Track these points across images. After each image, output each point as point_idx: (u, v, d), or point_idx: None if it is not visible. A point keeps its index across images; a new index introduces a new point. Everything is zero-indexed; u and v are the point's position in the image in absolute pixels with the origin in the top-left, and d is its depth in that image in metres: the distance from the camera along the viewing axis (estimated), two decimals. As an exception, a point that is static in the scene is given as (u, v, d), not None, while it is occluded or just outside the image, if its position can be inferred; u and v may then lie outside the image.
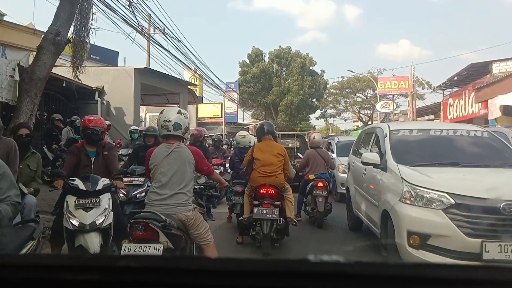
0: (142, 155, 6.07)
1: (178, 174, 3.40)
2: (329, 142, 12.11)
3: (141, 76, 15.16)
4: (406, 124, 8.67)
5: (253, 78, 37.49)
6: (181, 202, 3.39)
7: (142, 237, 3.20)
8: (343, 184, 9.23)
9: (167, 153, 3.41)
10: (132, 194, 5.29)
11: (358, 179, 6.23)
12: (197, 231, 3.48)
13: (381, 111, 36.78)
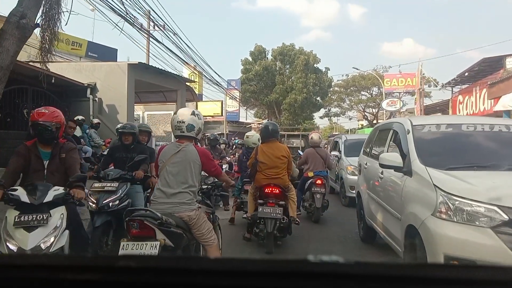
0: (119, 157, 5.21)
1: (182, 173, 3.41)
2: (336, 141, 11.21)
3: (135, 71, 14.29)
4: (430, 118, 7.54)
5: (255, 76, 36.60)
6: (184, 201, 3.38)
7: (138, 234, 3.18)
8: (352, 188, 8.35)
9: (175, 151, 3.45)
10: (103, 202, 4.42)
11: (373, 183, 5.33)
12: (200, 231, 3.45)
13: (387, 109, 35.84)
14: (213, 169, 3.71)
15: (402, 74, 35.64)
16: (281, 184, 5.55)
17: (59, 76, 13.30)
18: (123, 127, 5.20)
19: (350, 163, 8.97)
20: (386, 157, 4.13)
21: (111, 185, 4.58)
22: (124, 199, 4.61)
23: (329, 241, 6.20)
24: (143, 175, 5.00)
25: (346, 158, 9.37)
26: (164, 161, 3.47)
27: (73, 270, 0.72)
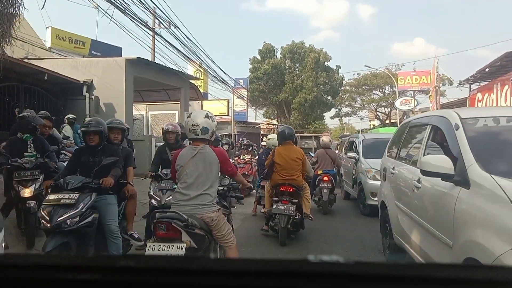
0: (84, 161, 4.23)
1: (203, 175, 3.45)
2: (352, 141, 10.12)
3: (134, 68, 13.37)
4: (481, 110, 5.92)
5: (264, 75, 35.56)
6: (205, 203, 3.43)
7: (165, 236, 3.23)
8: (374, 194, 7.31)
9: (192, 154, 3.48)
10: (58, 219, 3.44)
11: (405, 194, 4.27)
12: (220, 233, 3.49)
13: (401, 108, 34.56)
14: (230, 169, 3.77)
15: (416, 71, 34.34)
16: (295, 184, 5.99)
17: (52, 72, 12.42)
18: (86, 125, 4.21)
19: (371, 165, 7.90)
20: (430, 161, 3.07)
21: (70, 197, 3.61)
22: (87, 214, 3.65)
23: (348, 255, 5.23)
24: (113, 182, 4.02)
25: (365, 160, 8.30)
26: (183, 165, 3.49)
27: (73, 270, 0.71)
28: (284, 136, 6.16)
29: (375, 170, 7.64)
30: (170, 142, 5.75)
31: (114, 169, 4.15)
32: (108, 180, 3.94)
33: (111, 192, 4.20)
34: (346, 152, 10.51)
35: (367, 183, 7.77)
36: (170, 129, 5.74)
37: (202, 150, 3.48)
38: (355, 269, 0.66)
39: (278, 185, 6.02)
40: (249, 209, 8.34)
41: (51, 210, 3.48)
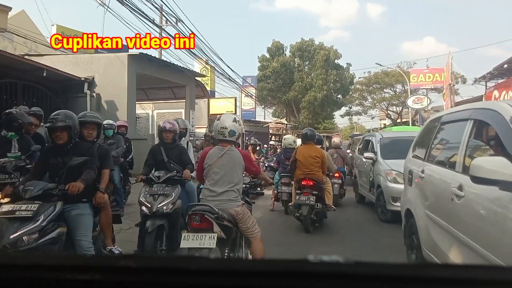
0: (52, 163, 3.61)
1: (229, 174, 3.72)
2: (367, 140, 9.40)
3: (137, 64, 12.82)
4: None
5: (273, 73, 34.85)
6: (231, 199, 3.70)
7: (198, 227, 3.47)
8: (395, 199, 6.64)
9: (220, 154, 3.75)
10: (11, 237, 2.81)
11: (438, 202, 3.60)
12: (245, 225, 3.75)
13: (413, 107, 33.58)
14: (254, 169, 4.14)
15: (429, 69, 33.36)
16: (314, 178, 6.68)
17: (52, 69, 11.91)
18: (51, 119, 3.54)
19: (391, 167, 7.19)
20: (485, 164, 2.40)
21: (27, 207, 2.97)
22: (50, 228, 3.02)
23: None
24: (82, 188, 3.39)
25: (384, 161, 7.58)
26: (211, 164, 3.76)
27: (73, 270, 0.72)
28: (306, 137, 7.06)
29: (396, 172, 6.95)
30: (166, 141, 5.13)
31: (86, 171, 3.53)
32: (75, 186, 3.31)
33: (85, 199, 3.58)
34: (361, 152, 9.80)
35: (388, 187, 7.07)
36: (168, 128, 5.11)
37: (229, 151, 3.77)
38: (355, 269, 0.66)
39: (300, 179, 6.78)
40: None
41: (3, 226, 2.85)
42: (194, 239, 3.41)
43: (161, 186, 4.63)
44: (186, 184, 5.22)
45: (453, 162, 3.39)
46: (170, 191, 4.60)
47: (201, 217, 3.47)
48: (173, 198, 4.55)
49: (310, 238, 6.31)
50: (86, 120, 4.08)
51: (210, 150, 3.92)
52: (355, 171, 10.36)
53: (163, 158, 5.14)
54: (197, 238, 3.40)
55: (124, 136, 7.95)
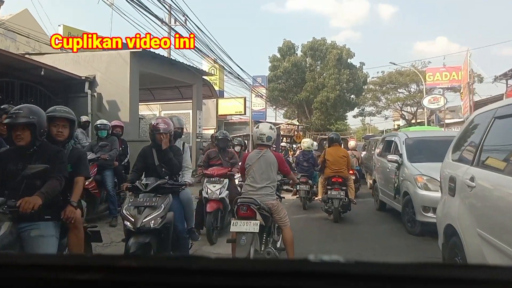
0: (12, 170, 2.85)
1: (265, 172, 4.44)
2: (389, 141, 8.46)
3: (140, 61, 12.09)
4: None
5: (284, 73, 33.97)
6: (268, 193, 4.42)
7: (245, 215, 4.22)
8: (427, 209, 5.81)
9: (258, 156, 4.49)
10: None
11: (500, 221, 2.75)
12: (279, 216, 4.45)
13: (429, 107, 32.50)
14: (285, 169, 4.81)
15: (446, 67, 32.24)
16: (342, 175, 7.75)
17: (50, 67, 11.25)
18: (11, 115, 2.79)
19: (421, 171, 6.30)
20: None
21: None
22: None
23: None
24: (40, 204, 2.63)
25: (412, 164, 6.68)
26: (251, 164, 4.49)
27: (73, 270, 0.72)
28: (333, 140, 8.21)
29: (427, 178, 6.07)
30: (159, 143, 4.33)
31: (48, 182, 2.78)
32: (29, 202, 2.56)
33: (49, 217, 2.81)
34: (381, 154, 8.90)
35: (417, 195, 6.16)
36: (162, 129, 4.30)
37: (265, 153, 4.50)
38: (355, 269, 0.66)
39: (330, 177, 7.82)
40: None
41: None
42: (241, 225, 4.12)
43: (148, 196, 3.85)
44: (181, 193, 4.43)
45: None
46: (159, 202, 3.81)
47: (247, 208, 4.25)
48: (162, 210, 3.77)
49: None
50: (55, 116, 3.29)
51: (250, 153, 4.77)
52: (374, 175, 9.46)
53: (154, 162, 4.35)
54: (243, 224, 4.12)
55: (119, 138, 7.20)
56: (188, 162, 4.94)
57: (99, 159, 6.44)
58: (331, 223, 7.55)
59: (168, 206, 3.89)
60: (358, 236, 6.73)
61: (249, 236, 4.08)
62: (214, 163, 6.53)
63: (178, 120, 5.19)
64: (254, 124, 27.41)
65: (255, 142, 4.66)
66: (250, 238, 4.09)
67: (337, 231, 6.99)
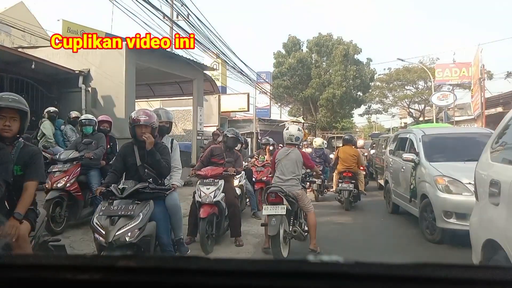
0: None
1: (291, 167, 5.25)
2: (403, 138, 7.73)
3: (136, 55, 11.45)
4: None
5: (289, 70, 33.18)
6: (294, 184, 5.23)
7: (274, 201, 4.97)
8: (449, 215, 5.18)
9: (286, 154, 5.33)
10: None
11: None
12: (303, 203, 5.29)
13: (438, 104, 31.59)
14: (309, 164, 5.64)
15: (456, 63, 31.32)
16: (352, 170, 9.12)
17: (42, 61, 10.64)
18: None
19: (441, 172, 5.60)
20: None
21: None
22: None
23: None
24: None
25: (430, 163, 5.97)
26: (280, 159, 5.32)
27: (73, 270, 0.72)
28: (346, 140, 9.64)
29: (449, 179, 5.38)
30: (141, 139, 3.69)
31: None
32: None
33: None
34: (394, 153, 8.20)
35: (438, 198, 5.45)
36: (142, 121, 3.65)
37: (293, 151, 5.36)
38: (355, 269, 0.67)
39: (341, 172, 9.10)
40: None
41: None
42: (271, 209, 4.84)
43: (124, 204, 3.21)
44: (167, 198, 3.78)
45: None
46: (136, 210, 3.17)
47: (276, 195, 4.96)
48: (140, 220, 3.13)
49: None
50: (1, 106, 2.65)
51: (280, 150, 5.70)
52: (385, 175, 8.76)
53: (135, 161, 3.70)
54: (273, 208, 4.85)
55: (107, 134, 6.55)
56: (178, 162, 4.29)
57: (83, 158, 5.82)
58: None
59: (148, 215, 3.24)
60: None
61: (278, 218, 4.83)
62: (217, 161, 5.86)
63: (166, 113, 4.51)
64: (258, 121, 26.79)
65: (285, 142, 5.56)
66: (279, 219, 4.83)
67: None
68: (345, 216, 8.28)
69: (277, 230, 4.74)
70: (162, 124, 4.19)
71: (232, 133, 6.12)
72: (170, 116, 4.55)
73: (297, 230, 5.13)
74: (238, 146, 7.96)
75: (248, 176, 8.30)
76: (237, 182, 7.09)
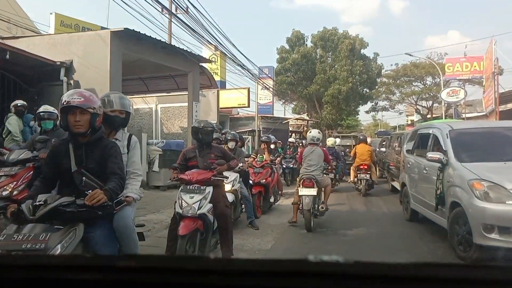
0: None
1: (316, 160, 6.97)
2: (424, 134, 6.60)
3: (123, 43, 10.39)
4: None
5: (293, 66, 31.98)
6: (317, 173, 6.92)
7: (308, 185, 6.65)
8: (490, 229, 4.12)
9: (311, 151, 7.07)
10: None
11: None
12: (324, 183, 7.12)
13: (447, 100, 30.30)
14: (327, 159, 7.31)
15: (467, 57, 29.97)
16: (367, 163, 11.05)
17: (18, 50, 9.62)
18: None
19: (478, 175, 4.48)
20: None
21: None
22: None
23: None
24: None
25: (462, 164, 4.85)
26: (306, 155, 7.05)
27: (73, 270, 0.71)
28: (361, 139, 12.01)
29: (489, 184, 4.28)
30: (75, 131, 2.62)
31: None
32: None
33: None
34: (413, 151, 7.07)
35: (475, 207, 4.30)
36: (76, 102, 2.60)
37: (316, 149, 7.12)
38: (355, 269, 0.67)
39: (359, 165, 11.01)
40: None
41: None
42: (306, 191, 6.58)
43: (37, 230, 2.13)
44: (116, 216, 2.71)
45: None
46: (51, 241, 2.10)
47: (310, 180, 6.72)
48: None
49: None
50: None
51: (305, 148, 7.53)
52: (402, 176, 7.64)
53: (69, 166, 2.63)
54: (307, 190, 6.58)
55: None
56: (137, 165, 3.18)
57: (36, 159, 4.75)
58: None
59: (72, 247, 2.16)
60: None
61: (310, 198, 6.51)
62: (193, 164, 4.74)
63: (120, 99, 3.31)
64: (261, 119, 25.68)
65: (308, 142, 7.42)
66: (311, 198, 6.51)
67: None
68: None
69: (310, 206, 6.47)
70: (114, 113, 3.10)
71: (201, 124, 4.92)
72: (127, 103, 3.33)
73: (321, 208, 6.95)
74: (232, 144, 6.88)
75: (245, 179, 7.21)
76: (229, 187, 6.00)
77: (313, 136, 7.23)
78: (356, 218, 7.87)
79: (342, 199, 10.38)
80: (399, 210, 7.81)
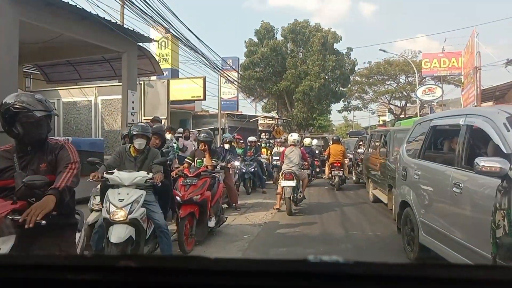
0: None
1: (296, 159, 8.55)
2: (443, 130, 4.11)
3: (22, 7, 7.64)
4: None
5: (261, 60, 29.50)
6: (296, 169, 8.47)
7: (288, 178, 8.19)
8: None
9: (291, 151, 8.68)
10: None
11: None
12: (302, 176, 8.78)
13: (423, 99, 28.75)
14: (305, 157, 9.07)
15: (444, 53, 28.36)
16: (340, 161, 12.29)
17: None
18: None
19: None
20: None
21: None
22: None
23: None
24: None
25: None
26: (287, 154, 8.64)
27: (73, 270, 0.71)
28: (335, 140, 13.52)
29: None
30: None
31: None
32: None
33: None
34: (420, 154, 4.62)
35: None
36: None
37: (296, 149, 8.76)
38: (355, 269, 0.66)
39: (333, 162, 12.37)
40: None
41: None
42: (287, 183, 8.10)
43: None
44: None
45: None
46: None
47: (290, 174, 8.22)
48: None
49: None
50: None
51: (287, 148, 9.06)
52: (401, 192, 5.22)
53: None
54: (287, 182, 8.10)
55: None
56: None
57: None
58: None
59: None
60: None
61: (291, 188, 8.12)
62: None
63: None
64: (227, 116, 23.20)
65: (289, 143, 9.17)
66: (291, 188, 8.12)
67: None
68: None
69: (290, 194, 8.09)
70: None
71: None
72: None
73: (299, 196, 8.59)
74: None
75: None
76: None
77: (294, 139, 9.00)
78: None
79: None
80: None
